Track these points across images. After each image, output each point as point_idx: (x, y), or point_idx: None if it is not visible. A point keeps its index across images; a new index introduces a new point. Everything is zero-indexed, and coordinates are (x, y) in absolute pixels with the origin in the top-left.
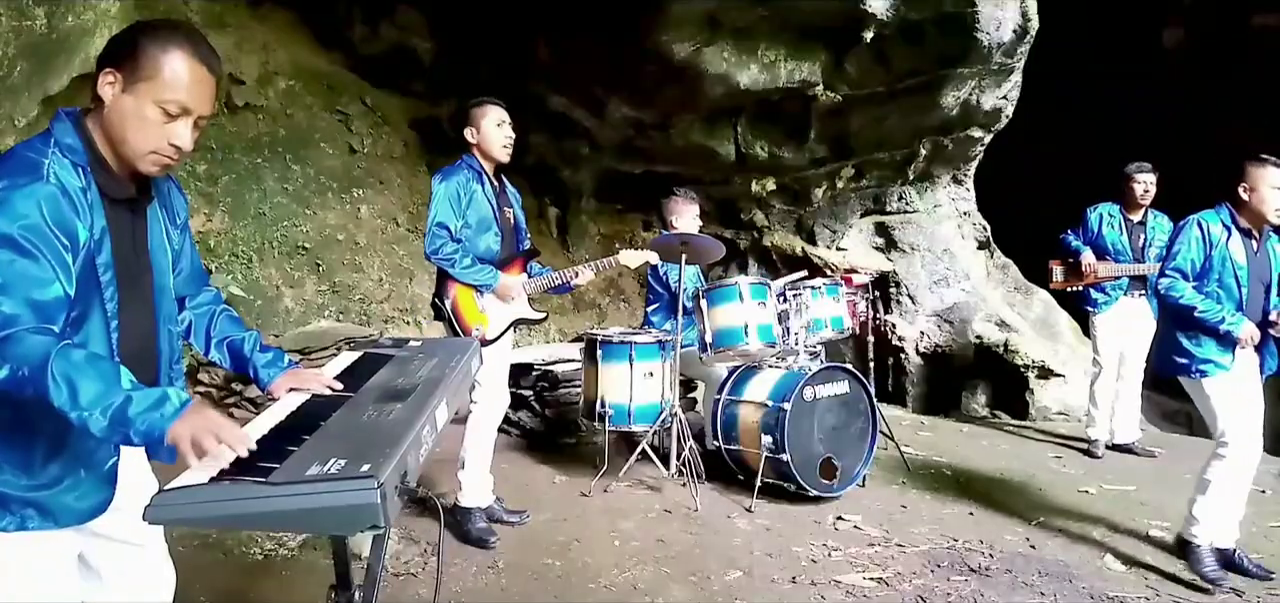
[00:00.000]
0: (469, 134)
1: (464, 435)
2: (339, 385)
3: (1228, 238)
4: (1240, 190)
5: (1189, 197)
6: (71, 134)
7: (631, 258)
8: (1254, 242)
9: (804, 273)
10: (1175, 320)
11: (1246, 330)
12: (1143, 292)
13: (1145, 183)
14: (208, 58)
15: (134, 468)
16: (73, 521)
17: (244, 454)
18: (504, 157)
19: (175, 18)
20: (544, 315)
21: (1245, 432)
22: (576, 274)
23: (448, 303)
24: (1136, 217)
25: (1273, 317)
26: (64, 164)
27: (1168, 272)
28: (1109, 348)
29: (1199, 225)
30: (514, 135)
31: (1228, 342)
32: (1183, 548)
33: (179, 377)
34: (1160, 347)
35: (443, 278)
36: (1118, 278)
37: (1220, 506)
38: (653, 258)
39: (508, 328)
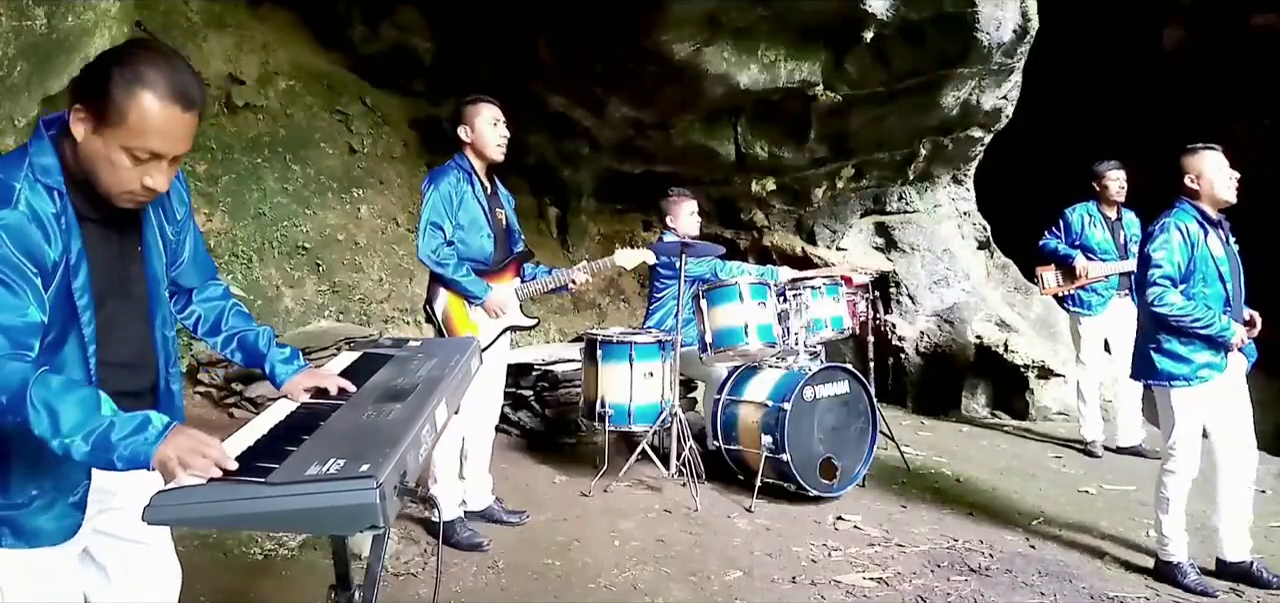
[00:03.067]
0: (463, 133)
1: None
2: (351, 388)
3: (1205, 236)
4: (1187, 183)
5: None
6: (49, 153)
7: (628, 258)
8: (1222, 231)
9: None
10: (1164, 327)
11: (1238, 335)
12: (1128, 291)
13: (1120, 179)
14: (182, 94)
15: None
16: (47, 542)
17: (232, 468)
18: (498, 156)
19: (172, 20)
20: (535, 322)
21: (1238, 440)
22: (572, 278)
23: (438, 309)
24: (1113, 214)
25: (1247, 316)
26: (36, 188)
27: (1156, 281)
28: (1093, 350)
29: (1177, 228)
30: (509, 134)
31: (1220, 345)
32: (1163, 572)
33: (176, 378)
34: (1141, 354)
35: (433, 283)
36: (1109, 277)
37: (1182, 517)
38: (649, 257)
39: (499, 336)
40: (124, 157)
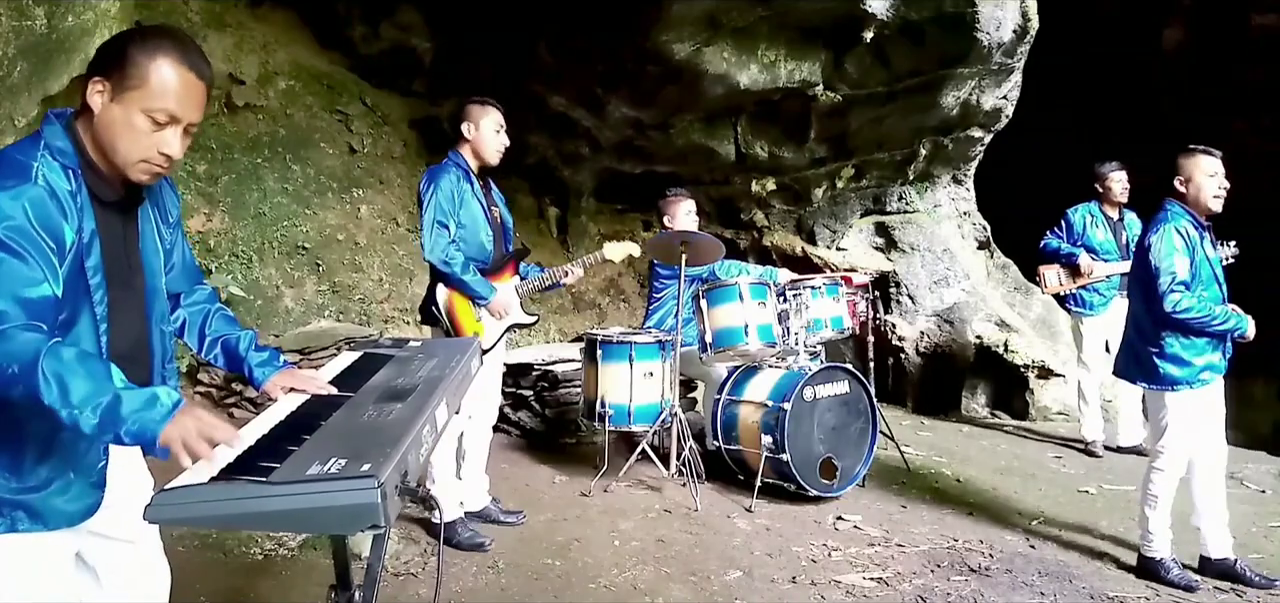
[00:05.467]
0: (466, 130)
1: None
2: (333, 390)
3: (1201, 240)
4: (1177, 185)
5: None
6: (62, 137)
7: (615, 251)
8: (1210, 235)
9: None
10: (1172, 329)
11: (1252, 327)
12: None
13: (1123, 180)
14: (196, 64)
15: (129, 466)
16: (63, 523)
17: (239, 449)
18: (495, 160)
19: (172, 20)
20: (536, 318)
21: (1213, 439)
22: (567, 273)
23: (443, 307)
24: (1115, 215)
25: None
26: (53, 167)
27: (1173, 289)
28: (1095, 350)
29: (1176, 232)
30: (508, 142)
31: (1221, 344)
32: (1146, 567)
33: (172, 376)
34: (1136, 357)
35: (436, 282)
36: (1112, 277)
37: (1168, 515)
38: (634, 249)
39: (502, 335)
40: (144, 120)
